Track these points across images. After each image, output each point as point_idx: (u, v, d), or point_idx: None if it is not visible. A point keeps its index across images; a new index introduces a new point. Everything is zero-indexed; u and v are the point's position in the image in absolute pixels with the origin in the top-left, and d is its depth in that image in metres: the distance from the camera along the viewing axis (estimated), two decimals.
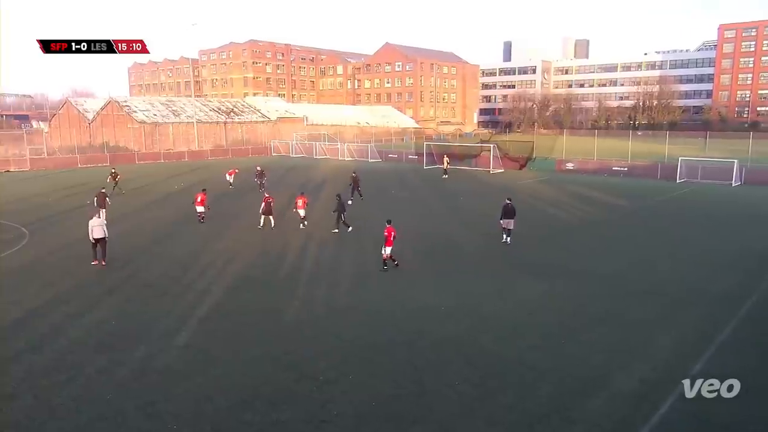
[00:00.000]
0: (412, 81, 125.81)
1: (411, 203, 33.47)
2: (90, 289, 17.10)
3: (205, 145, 73.48)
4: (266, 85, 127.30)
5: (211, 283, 17.70)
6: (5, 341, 13.17)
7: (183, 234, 25.04)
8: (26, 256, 21.11)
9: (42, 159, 57.32)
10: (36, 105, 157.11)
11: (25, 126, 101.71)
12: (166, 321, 14.44)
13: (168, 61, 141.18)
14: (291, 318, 14.69)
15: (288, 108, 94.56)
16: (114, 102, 73.62)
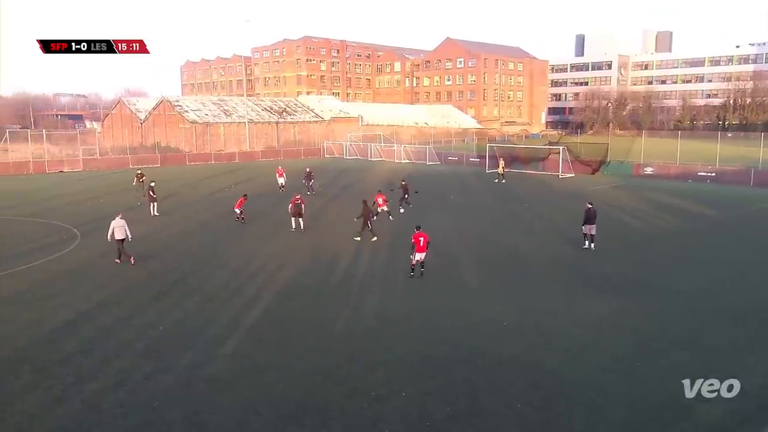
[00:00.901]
0: (475, 78, 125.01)
1: (472, 209, 33.20)
2: (138, 292, 17.81)
3: (256, 145, 75.30)
4: (320, 84, 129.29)
5: (260, 289, 18.10)
6: (56, 343, 13.88)
7: (232, 238, 25.70)
8: (77, 257, 22.19)
9: (94, 159, 60.20)
10: (90, 105, 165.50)
11: (78, 126, 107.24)
12: (213, 328, 14.85)
13: (220, 59, 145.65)
14: (342, 328, 14.83)
15: (342, 107, 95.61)
16: (166, 101, 76.56)
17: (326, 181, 46.59)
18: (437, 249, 20.92)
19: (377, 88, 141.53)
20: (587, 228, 23.01)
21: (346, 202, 35.30)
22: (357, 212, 25.53)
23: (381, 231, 26.50)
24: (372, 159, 68.21)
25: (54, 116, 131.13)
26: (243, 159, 67.91)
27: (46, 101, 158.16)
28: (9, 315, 15.82)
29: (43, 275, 19.74)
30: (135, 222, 29.13)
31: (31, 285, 18.61)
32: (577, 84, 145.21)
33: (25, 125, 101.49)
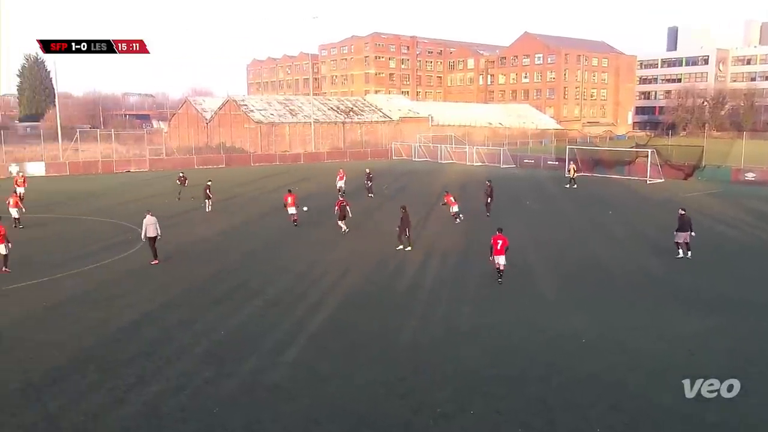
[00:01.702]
0: (555, 75, 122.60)
1: (549, 215, 32.56)
2: (201, 295, 18.42)
3: (321, 146, 76.56)
4: (389, 82, 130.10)
5: (323, 295, 18.36)
6: (120, 343, 14.55)
7: (296, 242, 26.20)
8: (142, 258, 23.16)
9: (161, 159, 62.84)
10: (157, 104, 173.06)
11: (146, 126, 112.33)
12: (276, 333, 15.16)
13: (287, 57, 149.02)
14: (407, 338, 14.83)
15: (412, 107, 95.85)
16: (231, 101, 79.05)
17: (396, 184, 46.78)
18: (510, 258, 20.60)
19: (449, 86, 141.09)
20: (681, 236, 22.25)
21: (416, 207, 35.30)
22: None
23: (453, 235, 26.39)
24: (442, 161, 68.01)
25: (122, 116, 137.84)
26: (308, 160, 69.18)
27: (115, 101, 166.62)
28: (78, 314, 16.71)
29: (110, 275, 20.74)
30: (197, 223, 30.24)
31: (99, 284, 19.59)
32: (669, 81, 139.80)
33: (95, 125, 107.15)
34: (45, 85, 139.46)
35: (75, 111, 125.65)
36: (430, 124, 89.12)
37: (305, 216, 30.08)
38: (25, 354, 13.97)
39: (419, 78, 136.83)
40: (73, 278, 20.36)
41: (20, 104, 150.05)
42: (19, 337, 15.05)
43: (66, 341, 14.69)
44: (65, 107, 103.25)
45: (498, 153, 64.56)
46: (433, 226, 29.28)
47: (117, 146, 66.87)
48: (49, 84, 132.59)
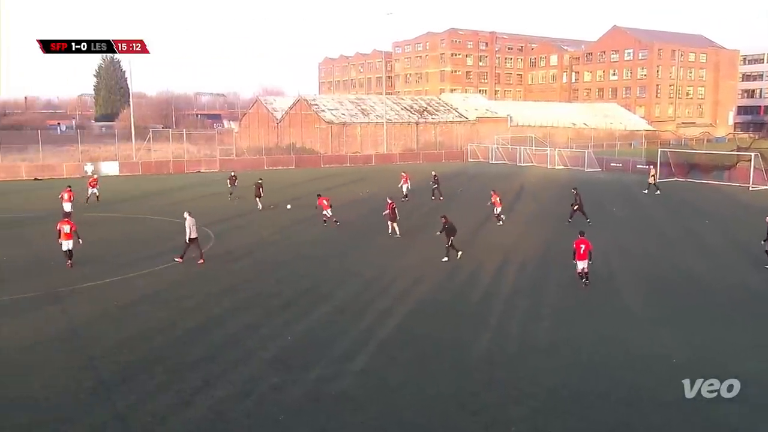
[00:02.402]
0: (646, 72, 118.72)
1: (638, 223, 31.57)
2: (268, 299, 18.87)
3: (394, 147, 76.94)
4: (465, 80, 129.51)
5: (393, 302, 18.44)
6: (187, 345, 15.09)
7: (366, 246, 26.44)
8: (211, 259, 23.95)
9: (231, 160, 64.74)
10: (228, 104, 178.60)
11: (217, 126, 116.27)
12: (344, 341, 15.34)
13: (360, 54, 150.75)
14: (481, 352, 14.70)
15: (489, 106, 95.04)
16: (302, 100, 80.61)
17: (470, 187, 46.50)
18: (594, 267, 20.10)
19: (530, 84, 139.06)
20: None
21: (489, 213, 35.03)
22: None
23: (531, 242, 26.00)
24: (521, 164, 67.04)
25: (194, 116, 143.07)
26: (379, 161, 69.66)
27: (187, 100, 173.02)
28: (147, 314, 17.45)
29: (179, 276, 21.56)
30: (266, 226, 30.94)
31: (168, 285, 20.40)
32: None
33: (167, 125, 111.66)
34: (120, 85, 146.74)
35: (148, 111, 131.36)
36: (509, 124, 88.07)
37: (375, 221, 30.29)
38: (96, 352, 14.69)
39: (498, 76, 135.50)
40: (144, 278, 21.26)
41: (96, 104, 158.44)
42: (91, 336, 15.85)
43: (136, 341, 15.36)
44: (139, 107, 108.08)
45: (582, 156, 63.05)
46: (510, 232, 28.90)
47: (188, 146, 69.41)
48: (124, 84, 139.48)
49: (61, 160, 60.52)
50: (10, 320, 16.91)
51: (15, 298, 18.83)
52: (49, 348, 15.01)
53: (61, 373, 13.50)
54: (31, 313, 17.57)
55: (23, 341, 15.35)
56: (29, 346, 15.02)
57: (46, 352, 14.71)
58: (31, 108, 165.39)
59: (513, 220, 32.36)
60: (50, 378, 13.21)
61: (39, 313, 17.59)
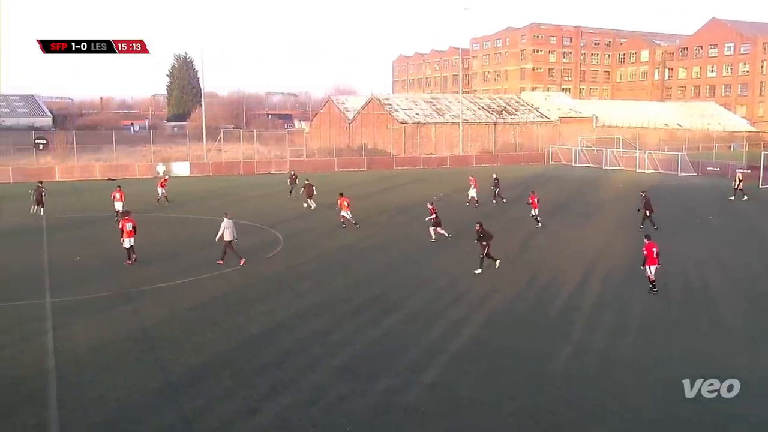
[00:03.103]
0: (749, 68, 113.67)
1: (737, 233, 30.28)
2: (337, 305, 19.10)
3: (470, 149, 76.58)
4: (547, 78, 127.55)
5: (467, 312, 18.33)
6: (254, 351, 15.46)
7: (439, 253, 26.42)
8: (279, 263, 24.50)
9: (301, 161, 65.98)
10: (299, 104, 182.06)
11: (287, 126, 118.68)
12: (414, 351, 15.36)
13: (435, 52, 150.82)
14: (560, 367, 14.43)
15: (573, 105, 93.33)
16: (375, 100, 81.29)
17: (549, 192, 45.76)
18: (686, 281, 19.41)
19: (618, 82, 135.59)
20: None
21: (572, 219, 34.38)
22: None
23: (617, 251, 25.35)
24: (607, 167, 65.41)
25: (265, 116, 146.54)
26: (455, 164, 69.46)
27: (258, 100, 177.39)
28: (216, 317, 17.99)
29: (247, 279, 22.12)
30: (336, 230, 31.30)
31: (237, 288, 20.97)
32: None
33: (238, 125, 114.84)
34: (192, 85, 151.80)
35: (220, 111, 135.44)
36: (594, 125, 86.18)
37: (448, 226, 30.17)
38: (165, 354, 15.26)
39: (583, 73, 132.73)
40: (212, 280, 21.94)
41: (168, 104, 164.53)
42: (160, 337, 16.48)
43: (203, 344, 15.86)
44: (210, 107, 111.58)
45: (675, 159, 60.91)
46: (594, 241, 28.25)
47: (258, 147, 71.18)
48: (196, 84, 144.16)
49: (134, 160, 63.25)
50: (82, 320, 17.76)
51: (87, 298, 19.78)
52: (120, 348, 15.68)
53: (131, 373, 14.08)
54: (103, 312, 18.41)
55: (95, 341, 16.09)
56: (101, 346, 15.73)
57: (117, 352, 15.37)
58: (106, 108, 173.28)
59: (598, 227, 31.68)
60: (120, 378, 13.80)
61: (110, 313, 18.41)
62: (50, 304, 19.19)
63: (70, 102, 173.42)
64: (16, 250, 27.23)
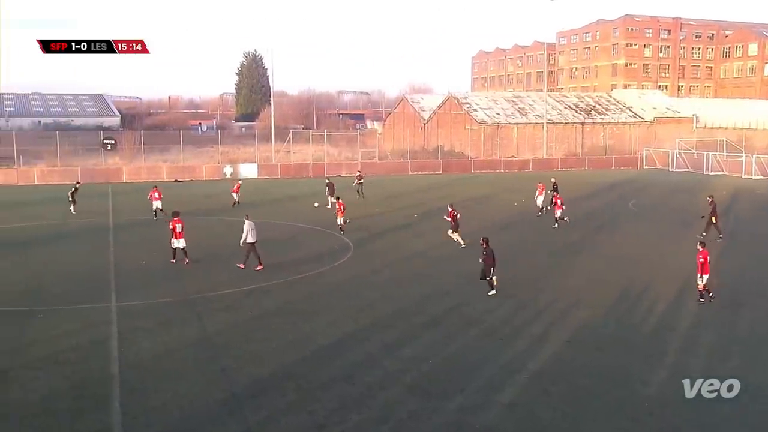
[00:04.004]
0: None
1: None
2: (409, 317, 19.12)
3: (555, 151, 75.39)
4: (642, 75, 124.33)
5: (550, 328, 18.04)
6: (321, 363, 15.63)
7: (520, 263, 26.10)
8: (348, 271, 24.73)
9: (373, 163, 66.44)
10: (372, 103, 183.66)
11: (359, 126, 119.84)
12: (491, 368, 15.21)
13: (518, 47, 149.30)
14: (652, 393, 14.01)
15: (671, 104, 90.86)
16: (452, 99, 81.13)
17: (644, 200, 44.64)
18: None
19: (721, 78, 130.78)
20: None
21: (667, 228, 33.42)
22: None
23: (720, 267, 24.41)
24: (709, 173, 63.16)
25: (336, 116, 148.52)
26: (538, 167, 68.50)
27: (329, 99, 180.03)
28: (280, 327, 18.30)
29: (314, 287, 22.43)
30: (411, 237, 31.34)
31: (303, 297, 21.28)
32: None
33: (308, 125, 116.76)
34: (261, 84, 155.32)
35: (289, 110, 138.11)
36: (695, 126, 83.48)
37: (529, 235, 29.81)
38: (229, 363, 15.63)
39: (682, 69, 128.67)
40: (279, 288, 22.34)
41: (237, 103, 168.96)
42: (225, 345, 16.88)
43: (268, 354, 16.16)
44: (279, 106, 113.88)
45: None
46: (694, 253, 27.28)
47: (329, 148, 72.06)
48: (266, 82, 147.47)
49: (201, 161, 65.15)
50: (147, 325, 18.39)
51: (152, 303, 20.48)
52: (184, 355, 16.17)
53: (194, 382, 14.48)
54: (167, 318, 19.01)
55: (158, 348, 16.64)
56: (164, 353, 16.25)
57: (180, 360, 15.84)
58: (174, 107, 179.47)
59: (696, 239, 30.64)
60: (184, 386, 14.21)
61: (174, 319, 18.99)
62: (116, 308, 19.97)
63: (138, 101, 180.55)
64: (82, 252, 28.50)
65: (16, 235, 32.33)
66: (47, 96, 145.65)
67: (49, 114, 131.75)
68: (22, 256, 27.67)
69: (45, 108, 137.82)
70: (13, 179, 55.13)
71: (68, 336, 17.47)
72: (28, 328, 18.26)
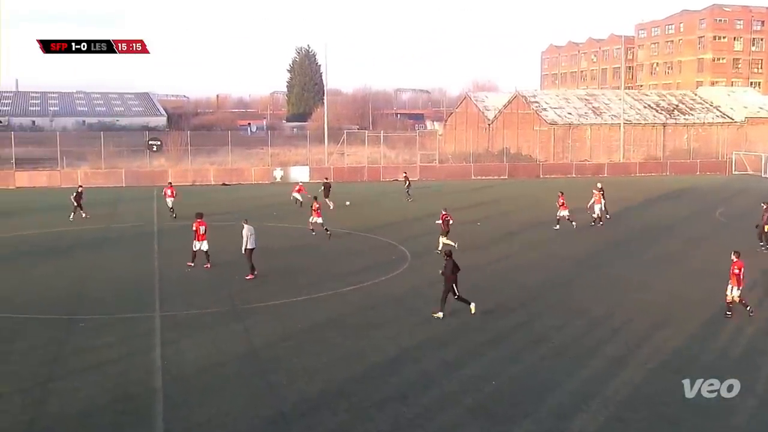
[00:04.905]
0: None
1: None
2: (471, 334, 18.97)
3: (632, 155, 74.14)
4: (732, 71, 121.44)
5: (626, 350, 17.67)
6: (374, 381, 15.60)
7: (595, 276, 25.82)
8: (405, 283, 24.69)
9: (432, 167, 66.39)
10: (432, 102, 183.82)
11: (418, 127, 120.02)
12: (560, 393, 14.96)
13: (593, 40, 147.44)
14: (740, 424, 13.61)
15: (764, 103, 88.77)
16: (519, 97, 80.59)
17: (734, 209, 43.52)
18: None
19: None
20: None
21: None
22: None
23: None
24: None
25: (394, 115, 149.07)
26: (613, 172, 67.46)
27: (387, 98, 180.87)
28: (331, 341, 18.36)
29: (369, 299, 22.47)
30: (472, 247, 31.13)
31: (356, 309, 21.33)
32: None
33: (363, 125, 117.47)
34: (314, 81, 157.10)
35: (343, 109, 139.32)
36: None
37: (603, 246, 29.29)
38: (277, 378, 15.74)
39: None
40: (329, 299, 22.45)
41: (288, 102, 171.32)
42: (273, 359, 17.03)
43: (318, 370, 16.21)
44: (333, 105, 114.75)
45: None
46: None
47: (385, 150, 72.29)
48: (319, 80, 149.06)
49: (250, 164, 66.19)
50: (191, 336, 18.68)
51: (197, 313, 20.82)
52: (229, 369, 16.35)
53: (240, 398, 14.61)
54: (213, 330, 19.28)
55: (203, 360, 16.88)
56: (209, 367, 16.46)
57: (226, 374, 16.03)
58: (222, 106, 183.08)
59: None
60: (229, 402, 14.35)
61: (220, 330, 19.24)
62: (159, 317, 20.37)
63: (185, 100, 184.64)
64: (126, 258, 29.19)
65: (59, 240, 33.31)
66: (92, 95, 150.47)
67: (93, 113, 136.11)
68: (64, 262, 28.51)
69: (90, 107, 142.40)
70: (56, 181, 56.89)
71: (110, 346, 17.87)
72: (70, 336, 18.79)
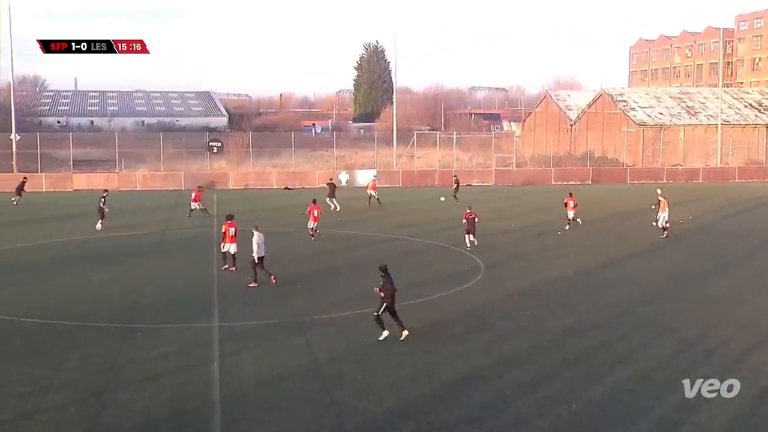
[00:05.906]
0: None
1: None
2: (549, 352, 18.81)
3: (731, 159, 72.31)
4: None
5: (722, 374, 17.20)
6: (443, 401, 15.58)
7: (688, 293, 25.39)
8: (478, 295, 24.62)
9: (508, 171, 66.00)
10: (509, 101, 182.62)
11: (494, 128, 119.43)
12: (645, 420, 14.69)
13: (687, 34, 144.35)
14: None
15: None
16: (605, 95, 79.47)
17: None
18: None
19: None
20: None
21: None
22: None
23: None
24: None
25: (468, 115, 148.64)
26: (709, 178, 65.94)
27: (460, 97, 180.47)
28: (399, 357, 18.41)
29: (438, 313, 22.49)
30: (551, 258, 30.81)
31: (426, 323, 21.28)
32: None
33: (434, 126, 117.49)
34: (383, 79, 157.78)
35: (413, 109, 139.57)
36: None
37: (699, 261, 28.64)
38: (340, 395, 15.88)
39: None
40: (398, 312, 22.49)
41: (355, 101, 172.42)
42: (336, 375, 17.19)
43: (384, 387, 16.30)
44: (403, 105, 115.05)
45: None
46: None
47: (458, 152, 72.15)
48: (388, 78, 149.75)
49: (314, 167, 66.98)
50: (250, 349, 19.02)
51: (257, 324, 21.19)
52: (290, 384, 16.58)
53: (301, 415, 14.81)
54: (273, 342, 19.59)
55: (263, 374, 17.16)
56: (269, 380, 16.74)
57: (287, 389, 16.26)
58: (285, 106, 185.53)
59: None
60: (290, 420, 14.57)
61: (281, 343, 19.55)
62: (218, 328, 20.80)
63: (247, 99, 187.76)
64: (184, 265, 29.93)
65: (116, 246, 34.34)
66: (151, 94, 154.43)
67: (153, 113, 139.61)
68: (121, 269, 29.28)
69: (149, 107, 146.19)
70: (114, 184, 58.66)
71: (167, 357, 18.35)
72: (126, 346, 19.34)
